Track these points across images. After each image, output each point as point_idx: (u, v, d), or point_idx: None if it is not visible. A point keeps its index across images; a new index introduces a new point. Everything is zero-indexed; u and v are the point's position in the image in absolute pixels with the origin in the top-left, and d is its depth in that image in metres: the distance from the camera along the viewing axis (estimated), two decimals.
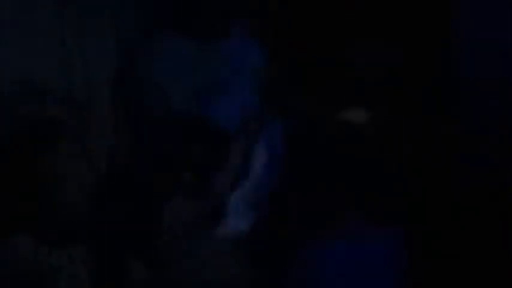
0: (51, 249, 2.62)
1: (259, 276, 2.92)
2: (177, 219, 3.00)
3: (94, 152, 2.97)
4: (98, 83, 3.15)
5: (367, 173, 2.97)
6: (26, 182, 2.70)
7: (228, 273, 2.91)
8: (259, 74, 3.17)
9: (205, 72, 3.16)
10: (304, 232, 2.95)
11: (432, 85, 3.11)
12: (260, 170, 3.05)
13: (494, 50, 3.08)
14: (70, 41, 3.10)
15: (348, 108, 3.05)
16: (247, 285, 2.90)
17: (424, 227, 2.94)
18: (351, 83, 3.12)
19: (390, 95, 3.09)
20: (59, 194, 2.71)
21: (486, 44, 3.09)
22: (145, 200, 2.99)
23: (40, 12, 3.02)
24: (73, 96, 3.09)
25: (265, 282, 2.91)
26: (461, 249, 2.94)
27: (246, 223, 3.03)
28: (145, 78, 3.17)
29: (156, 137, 3.14)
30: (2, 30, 2.96)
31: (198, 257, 2.93)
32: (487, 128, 3.07)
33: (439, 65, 3.13)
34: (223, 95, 3.16)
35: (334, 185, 2.98)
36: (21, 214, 2.65)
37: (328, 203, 2.96)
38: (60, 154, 2.77)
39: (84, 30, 3.12)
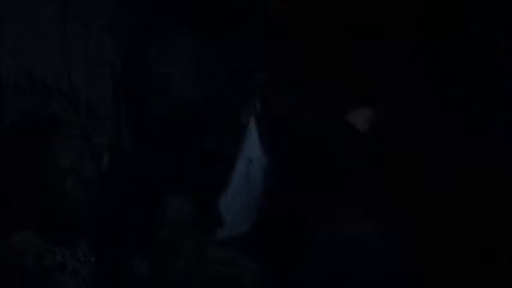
0: (53, 246, 2.61)
1: (261, 273, 2.92)
2: (178, 217, 3.00)
3: (96, 149, 2.96)
4: (99, 80, 3.15)
5: (367, 172, 2.99)
6: (28, 179, 2.70)
7: (231, 270, 2.92)
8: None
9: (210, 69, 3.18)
10: (305, 231, 2.96)
11: (433, 85, 3.12)
12: (254, 172, 3.05)
13: None
14: (72, 38, 3.10)
15: (351, 109, 3.07)
16: (250, 283, 2.91)
17: (424, 225, 2.95)
18: (351, 83, 3.13)
19: (390, 96, 3.11)
20: (61, 191, 2.70)
21: None
22: (146, 198, 3.00)
23: (42, 10, 3.02)
24: (74, 92, 3.09)
25: (267, 280, 2.92)
26: (461, 249, 2.95)
27: (243, 225, 3.03)
28: (148, 76, 3.18)
29: (157, 135, 3.15)
30: (5, 27, 2.96)
31: (200, 253, 2.94)
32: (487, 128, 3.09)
33: (440, 65, 3.14)
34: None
35: (333, 183, 3.00)
36: (23, 211, 2.64)
37: (328, 201, 2.97)
38: (61, 151, 2.77)
39: (86, 28, 3.12)
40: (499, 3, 3.09)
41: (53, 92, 3.02)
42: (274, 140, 3.07)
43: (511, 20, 3.09)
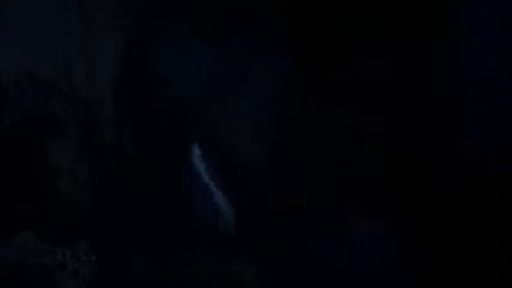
0: (53, 246, 2.61)
1: (260, 272, 2.92)
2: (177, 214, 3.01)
3: (96, 149, 2.97)
4: (99, 80, 3.15)
5: (367, 172, 2.99)
6: (28, 179, 2.70)
7: (229, 269, 2.92)
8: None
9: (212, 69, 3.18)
10: (305, 229, 2.96)
11: (432, 84, 3.13)
12: (198, 176, 3.06)
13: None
14: (72, 38, 3.11)
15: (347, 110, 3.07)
16: (249, 281, 2.91)
17: (424, 225, 2.96)
18: (351, 83, 3.13)
19: (390, 96, 3.11)
20: (61, 191, 2.70)
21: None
22: (146, 197, 3.00)
23: (44, 9, 3.02)
24: (74, 93, 3.09)
25: (265, 278, 2.92)
26: (462, 249, 2.95)
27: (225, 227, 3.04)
28: (148, 76, 3.18)
29: (157, 134, 3.15)
30: (5, 27, 2.96)
31: (199, 252, 2.94)
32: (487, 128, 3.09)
33: (439, 65, 3.14)
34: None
35: (335, 183, 3.00)
36: (23, 211, 2.64)
37: (329, 201, 2.97)
38: (61, 151, 2.77)
39: (86, 27, 3.12)
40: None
41: (53, 92, 3.02)
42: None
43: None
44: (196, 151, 3.06)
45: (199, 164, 3.05)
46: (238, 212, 3.03)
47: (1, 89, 2.95)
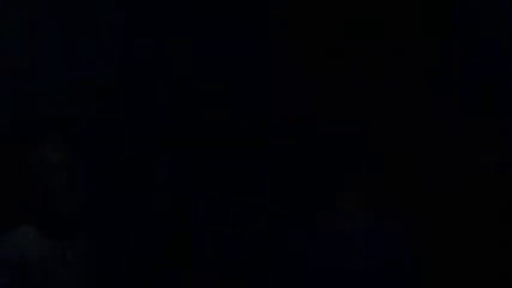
0: (54, 241, 2.61)
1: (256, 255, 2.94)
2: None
3: (95, 148, 2.97)
4: (99, 80, 3.16)
5: (368, 172, 3.00)
6: (27, 175, 2.70)
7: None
8: None
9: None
10: (308, 226, 2.97)
11: (432, 84, 3.14)
12: None
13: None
14: (72, 38, 3.12)
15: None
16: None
17: (425, 225, 2.96)
18: (351, 82, 3.14)
19: (391, 95, 3.12)
20: (60, 187, 2.70)
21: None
22: (146, 194, 3.01)
23: (40, 11, 3.04)
24: (74, 92, 3.10)
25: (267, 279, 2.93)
26: (462, 248, 2.96)
27: None
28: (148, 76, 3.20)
29: (157, 134, 3.16)
30: (4, 27, 2.98)
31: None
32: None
33: (439, 65, 3.15)
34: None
35: (334, 183, 3.01)
36: (23, 207, 2.64)
37: (329, 200, 2.98)
38: (61, 150, 2.77)
39: (86, 28, 3.13)
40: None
41: (52, 92, 3.04)
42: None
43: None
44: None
45: None
46: None
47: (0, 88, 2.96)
